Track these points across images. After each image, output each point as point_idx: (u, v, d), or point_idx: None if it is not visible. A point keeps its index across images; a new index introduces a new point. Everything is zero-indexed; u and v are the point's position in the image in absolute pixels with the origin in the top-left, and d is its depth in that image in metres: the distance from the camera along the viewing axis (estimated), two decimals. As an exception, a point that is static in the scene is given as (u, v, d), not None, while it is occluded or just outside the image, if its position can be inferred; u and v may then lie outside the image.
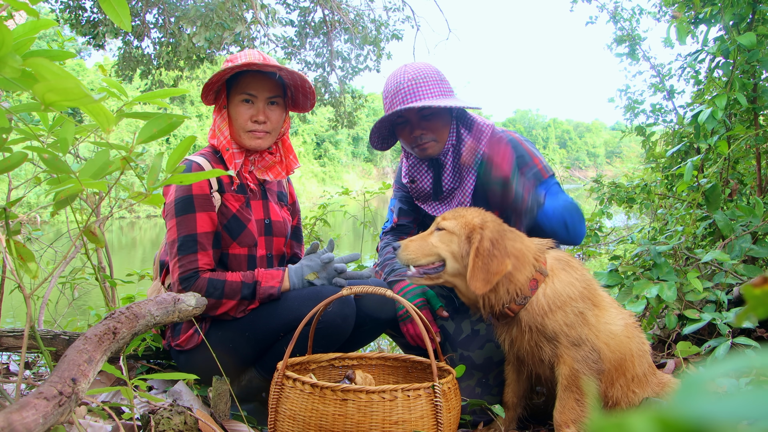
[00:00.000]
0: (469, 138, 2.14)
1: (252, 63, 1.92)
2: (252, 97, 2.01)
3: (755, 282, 0.37)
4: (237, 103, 2.02)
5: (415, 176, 2.21)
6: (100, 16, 9.07)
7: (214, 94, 2.04)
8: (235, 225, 2.00)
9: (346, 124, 12.47)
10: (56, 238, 3.30)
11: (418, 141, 2.09)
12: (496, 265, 1.61)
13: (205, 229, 1.93)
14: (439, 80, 2.07)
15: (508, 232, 1.71)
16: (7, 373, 2.21)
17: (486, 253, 1.61)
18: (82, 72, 25.83)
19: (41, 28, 1.01)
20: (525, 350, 1.73)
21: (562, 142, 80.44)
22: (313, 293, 1.96)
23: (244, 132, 2.02)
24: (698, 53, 2.96)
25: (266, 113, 2.02)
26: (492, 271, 1.61)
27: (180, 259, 1.89)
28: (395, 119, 2.14)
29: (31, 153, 1.19)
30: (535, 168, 2.08)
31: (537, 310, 1.68)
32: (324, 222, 4.10)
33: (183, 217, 1.92)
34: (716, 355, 1.99)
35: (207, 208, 1.94)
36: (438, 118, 2.08)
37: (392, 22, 11.76)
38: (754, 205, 2.60)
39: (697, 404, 0.27)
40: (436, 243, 1.73)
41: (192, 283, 1.87)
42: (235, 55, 2.03)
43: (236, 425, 1.70)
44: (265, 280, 1.94)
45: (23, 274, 1.25)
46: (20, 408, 0.89)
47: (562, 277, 1.71)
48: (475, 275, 1.61)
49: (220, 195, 2.00)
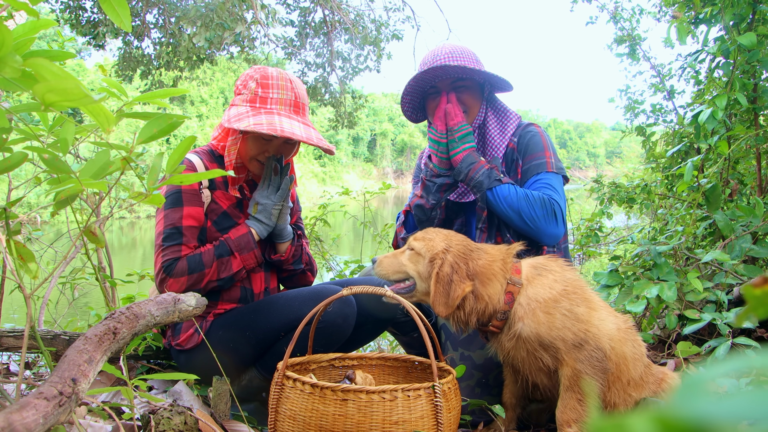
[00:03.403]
0: (495, 120, 2.20)
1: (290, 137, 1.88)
2: (273, 138, 2.00)
3: (755, 282, 0.37)
4: (255, 138, 2.00)
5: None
6: (100, 16, 9.07)
7: None
8: (225, 221, 2.03)
9: (347, 124, 12.47)
10: (56, 238, 3.30)
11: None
12: (454, 289, 1.66)
13: (190, 222, 1.96)
14: (476, 58, 2.16)
15: (474, 251, 1.74)
16: (7, 373, 2.21)
17: (446, 279, 1.67)
18: (82, 72, 25.85)
19: (41, 28, 1.01)
20: (521, 360, 1.72)
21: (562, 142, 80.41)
22: (313, 293, 1.96)
23: (253, 160, 2.03)
24: (698, 53, 2.96)
25: (281, 150, 2.04)
26: (452, 295, 1.66)
27: (164, 249, 1.93)
28: (427, 89, 2.20)
29: (31, 153, 1.19)
30: (543, 159, 2.10)
31: (520, 321, 1.67)
32: (324, 222, 4.10)
33: (170, 210, 1.95)
34: (716, 356, 1.99)
35: (194, 203, 1.97)
36: (470, 92, 2.17)
37: (392, 22, 11.76)
38: (754, 205, 2.60)
39: (698, 404, 0.27)
40: (405, 262, 1.79)
41: (173, 268, 1.90)
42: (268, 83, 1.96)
43: (236, 425, 1.70)
44: (232, 232, 1.99)
45: (23, 275, 1.25)
46: (20, 408, 0.89)
47: (537, 282, 1.71)
48: (437, 299, 1.67)
49: (211, 192, 2.01)
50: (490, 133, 2.20)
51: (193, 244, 1.97)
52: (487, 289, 1.68)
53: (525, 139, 2.17)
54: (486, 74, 2.13)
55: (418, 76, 2.13)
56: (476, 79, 2.18)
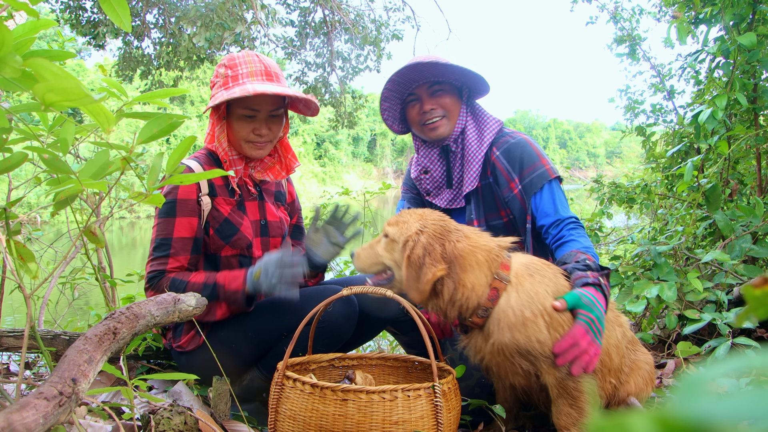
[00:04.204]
0: (473, 126, 2.16)
1: (263, 93, 1.88)
2: (255, 112, 1.99)
3: (755, 282, 0.37)
4: (238, 116, 2.00)
5: (427, 166, 2.22)
6: (101, 16, 9.07)
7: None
8: (227, 228, 2.00)
9: (347, 124, 12.47)
10: (56, 238, 3.30)
11: (428, 117, 2.11)
12: (425, 272, 1.50)
13: (182, 234, 1.93)
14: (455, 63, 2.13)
15: (452, 233, 1.57)
16: (7, 373, 2.21)
17: (417, 262, 1.52)
18: (82, 72, 25.86)
19: (41, 28, 1.01)
20: (495, 363, 1.62)
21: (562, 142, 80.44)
22: (315, 293, 1.96)
23: (245, 142, 2.02)
24: (698, 53, 2.96)
25: (268, 126, 2.03)
26: (422, 279, 1.50)
27: (152, 259, 1.92)
28: (406, 98, 2.17)
29: (31, 153, 1.19)
30: (543, 168, 2.08)
31: (502, 323, 1.54)
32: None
33: (163, 219, 1.94)
34: (716, 356, 1.99)
35: (189, 214, 1.94)
36: (448, 95, 2.13)
37: (392, 22, 11.76)
38: (754, 205, 2.60)
39: (698, 404, 0.27)
40: (381, 252, 1.65)
41: (155, 283, 1.89)
42: (236, 63, 1.98)
43: (236, 425, 1.70)
44: (228, 282, 1.88)
45: (23, 275, 1.25)
46: (20, 408, 0.89)
47: (527, 285, 1.57)
48: (410, 285, 1.53)
49: (211, 199, 1.99)
50: (468, 138, 2.14)
51: (184, 257, 1.93)
52: (468, 276, 1.54)
53: (516, 153, 2.09)
54: (461, 70, 2.07)
55: (394, 79, 2.10)
56: (454, 83, 2.15)
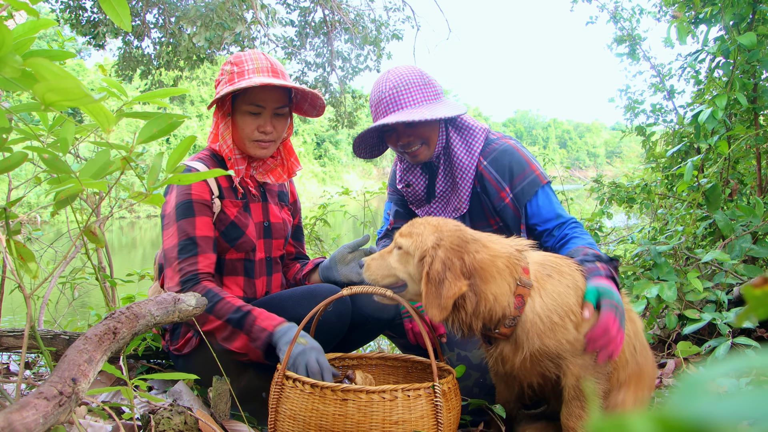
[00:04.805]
0: (459, 141, 2.09)
1: (269, 84, 1.88)
2: (260, 109, 1.97)
3: (755, 282, 0.37)
4: (243, 112, 1.98)
5: (410, 180, 2.19)
6: (100, 16, 9.07)
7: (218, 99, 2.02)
8: (233, 231, 1.99)
9: (347, 124, 12.48)
10: (56, 238, 3.30)
11: (407, 148, 2.05)
12: (447, 288, 1.46)
13: (204, 232, 1.91)
14: (422, 85, 2.01)
15: (470, 243, 1.53)
16: (7, 373, 2.21)
17: (437, 278, 1.47)
18: (82, 72, 25.86)
19: (41, 27, 1.01)
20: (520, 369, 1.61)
21: (562, 142, 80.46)
22: (306, 292, 1.95)
23: (249, 141, 2.00)
24: (698, 53, 2.96)
25: (273, 123, 2.01)
26: (444, 295, 1.46)
27: (180, 262, 1.86)
28: (381, 127, 2.09)
29: (31, 153, 1.19)
30: (533, 174, 2.05)
31: (531, 332, 1.53)
32: (324, 222, 4.10)
33: (183, 221, 1.89)
34: (716, 355, 1.99)
35: (206, 213, 1.93)
36: (424, 124, 2.02)
37: (392, 22, 11.77)
38: (754, 205, 2.60)
39: (698, 404, 0.27)
40: (394, 264, 1.61)
41: (190, 287, 1.84)
42: (242, 60, 1.97)
43: (236, 425, 1.70)
44: (262, 318, 1.79)
45: (23, 274, 1.25)
46: (20, 408, 0.89)
47: (549, 287, 1.56)
48: (430, 302, 1.48)
49: (220, 201, 1.98)
50: (457, 155, 2.08)
51: (212, 254, 1.90)
52: (491, 288, 1.50)
53: (504, 162, 2.04)
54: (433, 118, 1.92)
55: (366, 132, 2.08)
56: None
